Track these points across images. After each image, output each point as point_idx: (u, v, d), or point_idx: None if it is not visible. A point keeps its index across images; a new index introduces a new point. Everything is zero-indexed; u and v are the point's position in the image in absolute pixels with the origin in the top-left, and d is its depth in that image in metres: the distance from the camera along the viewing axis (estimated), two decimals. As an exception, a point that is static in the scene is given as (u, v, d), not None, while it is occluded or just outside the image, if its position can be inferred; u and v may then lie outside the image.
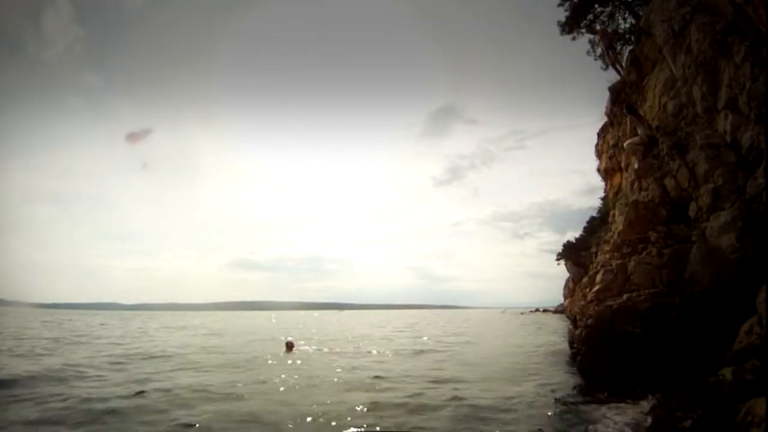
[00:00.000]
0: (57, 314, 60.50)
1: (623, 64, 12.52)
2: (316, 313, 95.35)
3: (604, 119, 13.55)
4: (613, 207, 12.20)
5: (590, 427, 5.88)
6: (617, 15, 15.23)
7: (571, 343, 8.83)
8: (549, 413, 6.59)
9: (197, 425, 6.02)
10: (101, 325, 33.01)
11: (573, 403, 7.07)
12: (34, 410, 6.58)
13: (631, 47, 12.26)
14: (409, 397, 7.73)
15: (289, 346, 15.48)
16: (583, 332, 7.67)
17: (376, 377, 9.70)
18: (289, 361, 12.83)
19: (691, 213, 7.78)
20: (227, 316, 68.33)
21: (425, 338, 21.20)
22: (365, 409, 6.83)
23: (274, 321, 49.88)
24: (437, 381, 9.40)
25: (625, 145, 10.54)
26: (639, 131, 9.80)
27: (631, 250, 8.13)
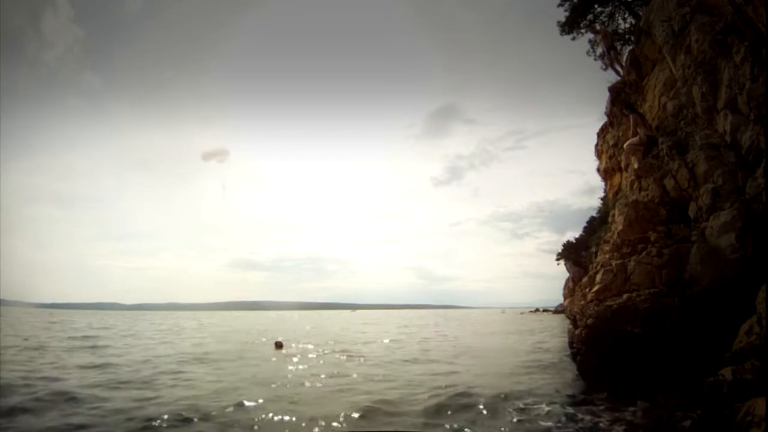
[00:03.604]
0: (78, 315, 60.49)
1: (623, 64, 12.51)
2: (324, 313, 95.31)
3: (604, 119, 13.53)
4: (613, 207, 12.18)
5: (590, 426, 5.89)
6: (617, 15, 15.20)
7: (570, 343, 8.83)
8: (549, 413, 6.60)
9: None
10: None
11: (573, 403, 7.08)
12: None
13: (631, 47, 12.25)
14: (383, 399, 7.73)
15: (279, 345, 16.11)
16: (583, 332, 7.67)
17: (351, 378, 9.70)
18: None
19: (691, 213, 7.78)
20: (228, 316, 68.39)
21: (424, 339, 21.21)
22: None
23: (295, 319, 50.44)
24: (429, 380, 9.46)
25: (624, 145, 10.53)
26: (639, 131, 9.80)
27: (631, 250, 8.12)
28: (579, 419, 6.22)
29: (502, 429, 5.98)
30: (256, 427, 6.08)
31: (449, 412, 6.71)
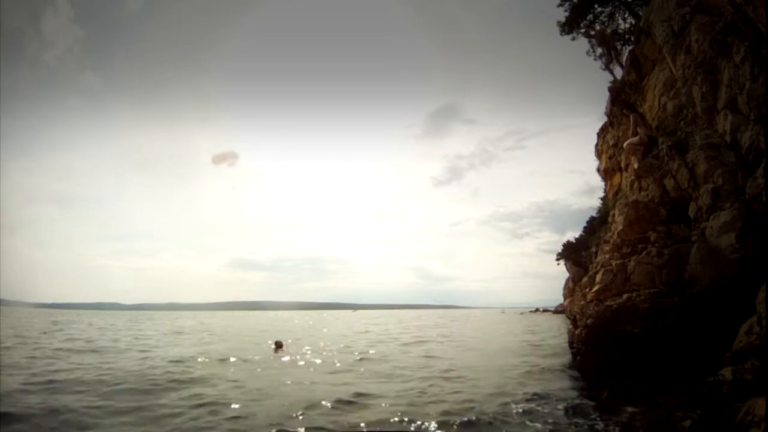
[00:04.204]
0: (79, 315, 60.37)
1: (623, 64, 12.56)
2: (327, 313, 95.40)
3: (604, 119, 13.58)
4: (613, 207, 12.21)
5: (590, 426, 5.89)
6: (617, 15, 15.23)
7: (570, 343, 8.83)
8: (549, 413, 6.60)
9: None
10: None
11: (573, 403, 7.08)
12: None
13: (631, 47, 12.26)
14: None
15: (278, 345, 16.14)
16: (583, 332, 7.68)
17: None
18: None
19: (691, 213, 7.79)
20: (229, 316, 68.45)
21: (426, 339, 21.22)
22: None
23: (297, 319, 50.75)
24: (426, 376, 9.49)
25: (624, 145, 10.55)
26: (639, 131, 9.82)
27: (631, 250, 8.14)
28: (579, 419, 6.21)
29: (503, 429, 5.98)
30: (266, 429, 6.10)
31: (451, 413, 6.70)
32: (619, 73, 12.70)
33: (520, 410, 6.75)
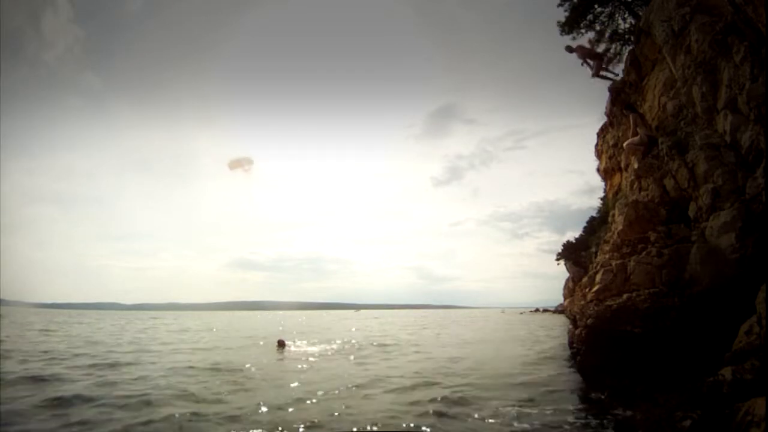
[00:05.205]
0: (80, 315, 60.15)
1: (613, 71, 12.68)
2: (330, 313, 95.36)
3: (604, 119, 13.56)
4: (613, 207, 12.20)
5: (590, 426, 5.89)
6: (617, 15, 15.21)
7: (570, 343, 8.84)
8: (548, 413, 6.60)
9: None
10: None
11: (572, 403, 7.09)
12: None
13: (631, 47, 12.27)
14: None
15: (281, 344, 16.22)
16: (583, 332, 7.68)
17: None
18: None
19: (691, 213, 7.78)
20: (232, 316, 68.45)
21: (423, 339, 21.24)
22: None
23: (301, 319, 50.74)
24: (424, 376, 9.50)
25: (624, 145, 10.55)
26: (639, 131, 9.82)
27: (631, 250, 8.13)
28: (578, 419, 6.22)
29: (500, 429, 5.99)
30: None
31: (448, 413, 6.70)
32: (616, 77, 12.72)
33: (518, 410, 6.76)
